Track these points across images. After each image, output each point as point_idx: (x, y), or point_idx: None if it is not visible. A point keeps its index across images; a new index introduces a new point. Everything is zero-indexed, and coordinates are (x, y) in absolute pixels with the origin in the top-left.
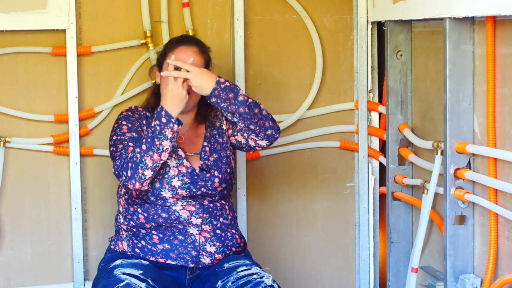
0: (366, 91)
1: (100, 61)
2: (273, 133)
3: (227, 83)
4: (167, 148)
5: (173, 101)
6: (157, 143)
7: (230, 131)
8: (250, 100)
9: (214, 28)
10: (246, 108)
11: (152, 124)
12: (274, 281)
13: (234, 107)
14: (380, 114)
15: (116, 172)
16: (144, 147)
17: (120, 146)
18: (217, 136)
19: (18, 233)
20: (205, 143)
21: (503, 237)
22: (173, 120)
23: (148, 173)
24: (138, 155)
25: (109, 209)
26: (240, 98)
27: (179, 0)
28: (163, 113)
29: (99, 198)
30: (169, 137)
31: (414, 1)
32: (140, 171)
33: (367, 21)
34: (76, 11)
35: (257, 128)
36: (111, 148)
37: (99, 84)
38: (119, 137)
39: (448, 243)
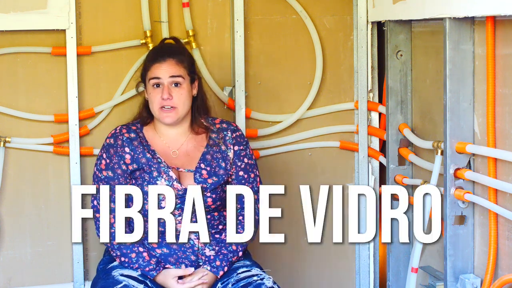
0: (366, 91)
1: (100, 61)
2: None
3: (226, 268)
4: None
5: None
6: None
7: (233, 176)
8: (240, 249)
9: (214, 28)
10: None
11: (135, 267)
12: (274, 283)
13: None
14: (380, 114)
15: (97, 232)
16: (122, 259)
17: (96, 186)
18: (220, 160)
19: (18, 233)
20: (202, 164)
21: (503, 237)
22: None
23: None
24: (114, 254)
25: None
26: (235, 258)
27: (179, 0)
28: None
29: None
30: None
31: (414, 1)
32: (109, 249)
33: (367, 21)
34: (76, 11)
35: None
36: (92, 180)
37: (99, 84)
38: (97, 173)
39: (448, 243)
